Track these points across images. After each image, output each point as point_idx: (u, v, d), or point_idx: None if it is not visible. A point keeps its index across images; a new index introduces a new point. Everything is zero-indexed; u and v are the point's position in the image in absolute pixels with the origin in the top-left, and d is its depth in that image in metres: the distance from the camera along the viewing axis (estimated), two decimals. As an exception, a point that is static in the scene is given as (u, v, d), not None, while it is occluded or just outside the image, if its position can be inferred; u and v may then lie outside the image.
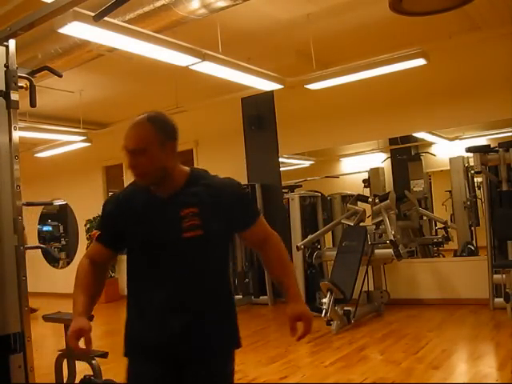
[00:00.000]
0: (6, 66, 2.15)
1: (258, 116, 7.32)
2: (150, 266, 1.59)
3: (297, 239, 6.01)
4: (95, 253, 1.71)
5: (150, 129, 1.53)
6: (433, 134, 6.85)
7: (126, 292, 1.69)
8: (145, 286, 1.61)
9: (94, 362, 3.35)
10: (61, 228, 11.02)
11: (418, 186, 7.81)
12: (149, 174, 1.55)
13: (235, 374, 1.68)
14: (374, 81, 5.35)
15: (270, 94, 6.82)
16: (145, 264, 1.61)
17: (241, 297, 7.12)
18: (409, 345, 4.35)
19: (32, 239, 9.95)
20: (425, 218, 7.40)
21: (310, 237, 5.94)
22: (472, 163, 5.90)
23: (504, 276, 5.05)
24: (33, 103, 2.26)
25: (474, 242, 6.84)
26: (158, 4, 3.64)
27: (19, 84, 2.19)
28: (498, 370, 3.61)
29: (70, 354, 3.46)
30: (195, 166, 8.06)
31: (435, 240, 7.10)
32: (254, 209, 1.75)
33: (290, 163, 7.62)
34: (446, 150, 7.35)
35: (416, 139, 7.02)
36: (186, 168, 1.67)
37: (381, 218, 5.76)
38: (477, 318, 5.15)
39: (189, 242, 1.53)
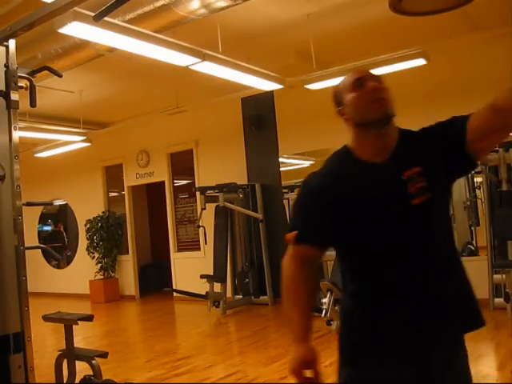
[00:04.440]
0: (6, 65, 2.15)
1: (258, 116, 7.33)
2: (380, 250, 1.33)
3: (297, 239, 6.01)
4: (300, 254, 1.43)
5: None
6: (433, 133, 6.85)
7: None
8: (385, 280, 1.33)
9: (93, 361, 3.35)
10: (61, 228, 11.03)
11: (417, 186, 7.79)
12: (389, 102, 1.38)
13: (235, 374, 1.66)
14: (374, 81, 5.35)
15: (269, 94, 6.82)
16: (374, 249, 1.35)
17: (241, 297, 7.13)
18: (409, 345, 4.34)
19: (32, 239, 9.96)
20: (425, 218, 7.40)
21: (310, 237, 5.93)
22: (472, 163, 5.90)
23: (504, 276, 5.05)
24: (33, 103, 2.26)
25: (473, 242, 6.83)
26: (157, 4, 3.64)
27: (19, 84, 2.19)
28: (498, 370, 3.61)
29: (70, 354, 3.47)
30: (195, 165, 8.06)
31: (435, 240, 7.10)
32: (457, 118, 1.35)
33: (290, 163, 7.61)
34: (445, 150, 7.34)
35: (416, 139, 7.03)
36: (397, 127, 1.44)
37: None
38: (477, 318, 5.14)
39: (419, 209, 1.29)
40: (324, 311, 5.00)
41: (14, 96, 2.15)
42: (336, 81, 6.07)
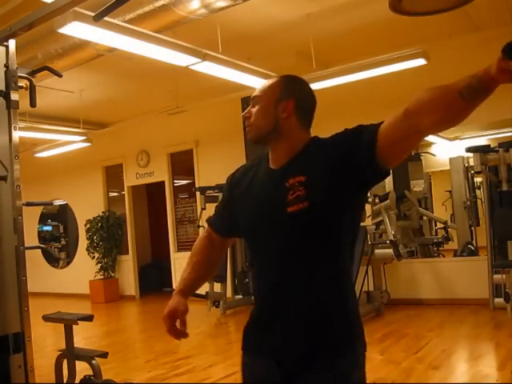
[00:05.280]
0: (6, 66, 2.15)
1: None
2: (258, 249, 1.43)
3: (297, 239, 6.01)
4: (208, 232, 1.62)
5: (276, 82, 1.45)
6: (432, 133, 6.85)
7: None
8: (257, 274, 1.45)
9: (93, 361, 3.35)
10: (61, 228, 11.03)
11: (418, 186, 7.82)
12: (255, 126, 1.42)
13: (235, 374, 1.67)
14: (374, 81, 5.35)
15: (270, 94, 6.81)
16: (255, 248, 1.45)
17: (241, 297, 7.13)
18: (409, 345, 4.35)
19: (32, 239, 9.96)
20: (425, 218, 7.40)
21: (310, 237, 5.93)
22: (472, 163, 5.90)
23: (504, 276, 5.05)
24: (33, 103, 2.26)
25: (474, 241, 6.84)
26: (157, 4, 3.64)
27: (19, 84, 2.19)
28: (498, 370, 3.61)
29: (70, 354, 3.47)
30: (195, 165, 8.06)
31: (435, 240, 7.11)
32: (364, 127, 1.30)
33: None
34: (446, 149, 7.35)
35: (416, 139, 7.02)
36: (309, 136, 1.45)
37: (381, 218, 5.76)
38: (477, 318, 5.15)
39: (293, 217, 1.30)
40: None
41: (14, 96, 2.15)
42: (336, 81, 6.02)
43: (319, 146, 1.38)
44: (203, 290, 6.55)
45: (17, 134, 2.17)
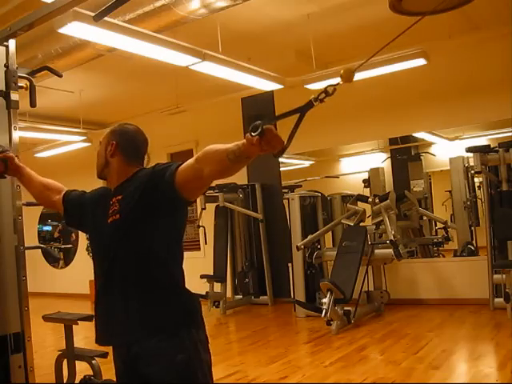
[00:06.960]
0: (6, 66, 2.15)
1: (258, 116, 7.29)
2: (94, 253, 1.81)
3: (297, 239, 6.01)
4: (61, 193, 1.98)
5: (107, 132, 1.84)
6: (433, 134, 6.85)
7: None
8: (95, 275, 1.81)
9: (94, 362, 3.35)
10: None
11: (417, 186, 7.80)
12: (97, 164, 1.83)
13: (235, 374, 1.68)
14: (373, 81, 5.35)
15: (269, 94, 6.82)
16: (93, 252, 1.83)
17: (241, 297, 7.13)
18: (409, 345, 4.35)
19: (32, 239, 9.95)
20: (425, 218, 7.39)
21: (309, 237, 5.93)
22: (472, 163, 5.90)
23: (504, 276, 5.05)
24: (33, 103, 2.26)
25: (474, 242, 6.83)
26: (157, 4, 3.64)
27: (19, 84, 2.19)
28: (498, 370, 3.61)
29: (70, 354, 3.46)
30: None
31: (435, 240, 7.10)
32: (170, 165, 1.61)
33: (290, 163, 7.61)
34: (446, 150, 7.33)
35: (416, 139, 7.02)
36: (137, 168, 1.78)
37: (381, 218, 5.76)
38: (477, 318, 5.15)
39: (111, 226, 1.66)
40: (324, 311, 5.00)
41: (14, 96, 2.15)
42: (336, 81, 6.03)
43: (140, 175, 1.70)
44: (203, 290, 6.55)
45: (17, 134, 2.17)
